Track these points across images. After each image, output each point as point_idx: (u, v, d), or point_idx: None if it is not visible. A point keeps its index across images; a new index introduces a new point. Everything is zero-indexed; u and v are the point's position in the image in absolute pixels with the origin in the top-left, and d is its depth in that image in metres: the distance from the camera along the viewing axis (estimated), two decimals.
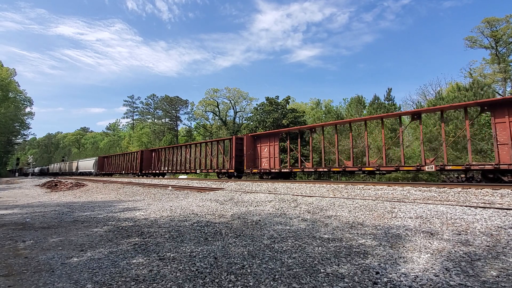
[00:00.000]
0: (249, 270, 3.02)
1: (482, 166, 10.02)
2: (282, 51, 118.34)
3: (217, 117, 56.36)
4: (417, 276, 2.72)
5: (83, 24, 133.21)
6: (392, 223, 4.93)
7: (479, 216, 4.81)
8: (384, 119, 14.20)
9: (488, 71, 35.77)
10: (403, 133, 13.46)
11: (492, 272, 2.77)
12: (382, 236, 4.18)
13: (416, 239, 3.96)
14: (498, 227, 4.22)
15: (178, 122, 66.53)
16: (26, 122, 65.83)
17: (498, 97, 15.58)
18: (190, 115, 64.06)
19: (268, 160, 17.64)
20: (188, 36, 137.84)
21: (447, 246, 3.59)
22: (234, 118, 55.91)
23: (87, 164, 43.03)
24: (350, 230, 4.63)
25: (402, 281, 2.62)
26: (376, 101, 27.36)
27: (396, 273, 2.81)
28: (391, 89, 28.70)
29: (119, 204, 9.75)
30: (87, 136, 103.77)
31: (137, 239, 4.53)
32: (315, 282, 2.67)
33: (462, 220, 4.71)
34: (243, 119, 54.05)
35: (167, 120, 66.83)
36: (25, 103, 63.96)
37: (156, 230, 5.11)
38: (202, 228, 5.18)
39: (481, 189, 7.78)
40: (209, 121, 58.50)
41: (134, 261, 3.41)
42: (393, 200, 6.88)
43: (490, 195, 7.11)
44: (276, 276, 2.83)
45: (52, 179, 31.00)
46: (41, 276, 3.00)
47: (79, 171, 44.95)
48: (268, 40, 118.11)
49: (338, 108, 39.73)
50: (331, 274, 2.84)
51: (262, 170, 17.52)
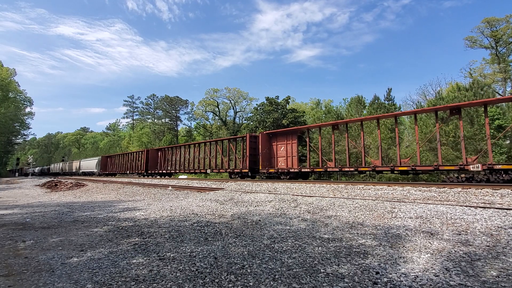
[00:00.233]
0: (249, 270, 3.02)
1: None
2: (282, 51, 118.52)
3: (217, 117, 56.35)
4: (417, 276, 2.72)
5: (83, 24, 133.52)
6: (392, 223, 4.93)
7: (479, 216, 4.82)
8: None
9: (488, 71, 35.86)
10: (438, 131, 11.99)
11: (492, 272, 2.77)
12: (382, 236, 4.18)
13: (416, 239, 3.96)
14: (498, 227, 4.22)
15: (178, 122, 66.63)
16: (26, 122, 66.04)
17: None
18: (190, 115, 64.15)
19: (285, 160, 16.67)
20: (188, 36, 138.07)
21: (447, 246, 3.59)
22: (234, 118, 55.92)
23: (90, 164, 42.62)
24: (350, 230, 4.63)
25: (402, 281, 2.62)
26: (376, 101, 27.34)
27: (396, 273, 2.81)
28: (391, 89, 28.76)
29: (119, 204, 9.75)
30: (87, 136, 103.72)
31: (137, 239, 4.53)
32: (315, 282, 2.67)
33: (462, 220, 4.71)
34: (243, 119, 54.09)
35: (167, 120, 66.84)
36: (25, 103, 64.11)
37: (156, 230, 5.11)
38: (202, 228, 5.18)
39: (481, 189, 7.79)
40: (209, 121, 58.50)
41: (134, 261, 3.41)
42: (393, 200, 6.88)
43: (490, 195, 7.11)
44: (276, 276, 2.83)
45: (52, 179, 30.98)
46: (41, 276, 3.01)
47: (82, 171, 44.54)
48: (268, 40, 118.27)
49: (338, 108, 39.70)
50: (331, 274, 2.84)
51: (280, 170, 16.47)
